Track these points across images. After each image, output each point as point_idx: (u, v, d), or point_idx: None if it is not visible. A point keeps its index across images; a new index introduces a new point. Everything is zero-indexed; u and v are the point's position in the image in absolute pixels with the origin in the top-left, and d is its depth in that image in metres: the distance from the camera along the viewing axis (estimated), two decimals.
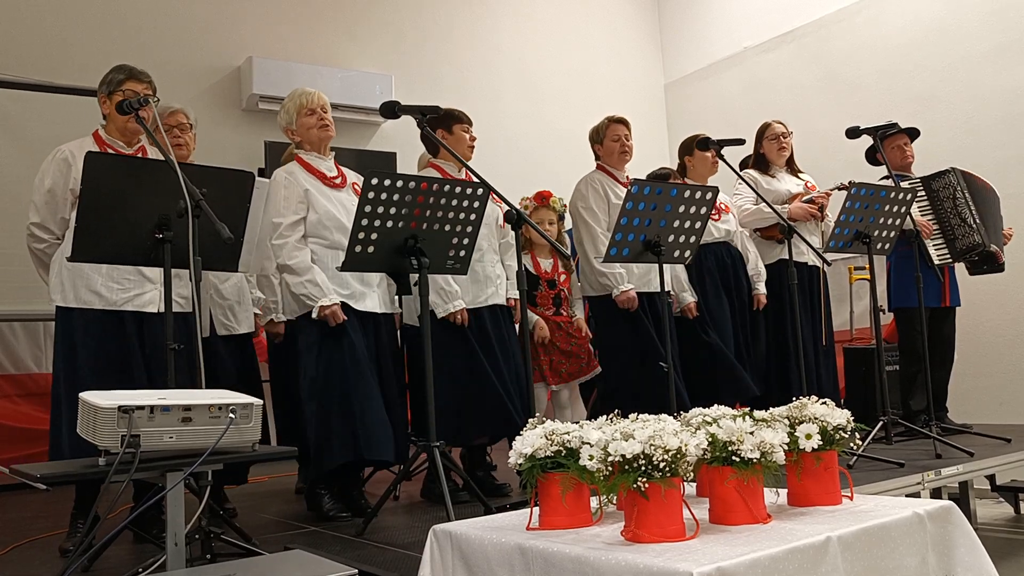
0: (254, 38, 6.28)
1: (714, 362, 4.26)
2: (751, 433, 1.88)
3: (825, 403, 2.11)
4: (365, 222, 2.87)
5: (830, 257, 4.32)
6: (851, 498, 2.08)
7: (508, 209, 3.08)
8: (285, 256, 3.25)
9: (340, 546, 2.72)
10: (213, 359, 3.30)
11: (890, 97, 6.44)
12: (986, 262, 4.69)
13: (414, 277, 3.02)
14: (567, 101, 7.50)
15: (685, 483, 1.83)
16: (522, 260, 3.14)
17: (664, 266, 3.54)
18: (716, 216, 4.46)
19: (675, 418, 1.99)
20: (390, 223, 2.90)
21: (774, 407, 2.14)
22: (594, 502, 2.00)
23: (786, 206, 4.58)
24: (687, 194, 3.47)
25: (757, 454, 1.85)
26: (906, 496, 3.03)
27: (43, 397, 4.48)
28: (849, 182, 4.05)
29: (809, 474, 2.06)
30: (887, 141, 4.76)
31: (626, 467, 1.72)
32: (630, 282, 4.02)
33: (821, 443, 2.02)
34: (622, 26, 8.26)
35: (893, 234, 4.09)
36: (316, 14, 6.60)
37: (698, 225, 3.57)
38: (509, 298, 3.74)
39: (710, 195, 3.55)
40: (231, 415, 2.17)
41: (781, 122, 4.82)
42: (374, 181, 2.83)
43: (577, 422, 2.05)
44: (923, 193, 4.63)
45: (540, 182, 4.60)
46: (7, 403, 4.94)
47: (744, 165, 4.88)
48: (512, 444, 1.98)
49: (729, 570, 1.53)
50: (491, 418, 3.48)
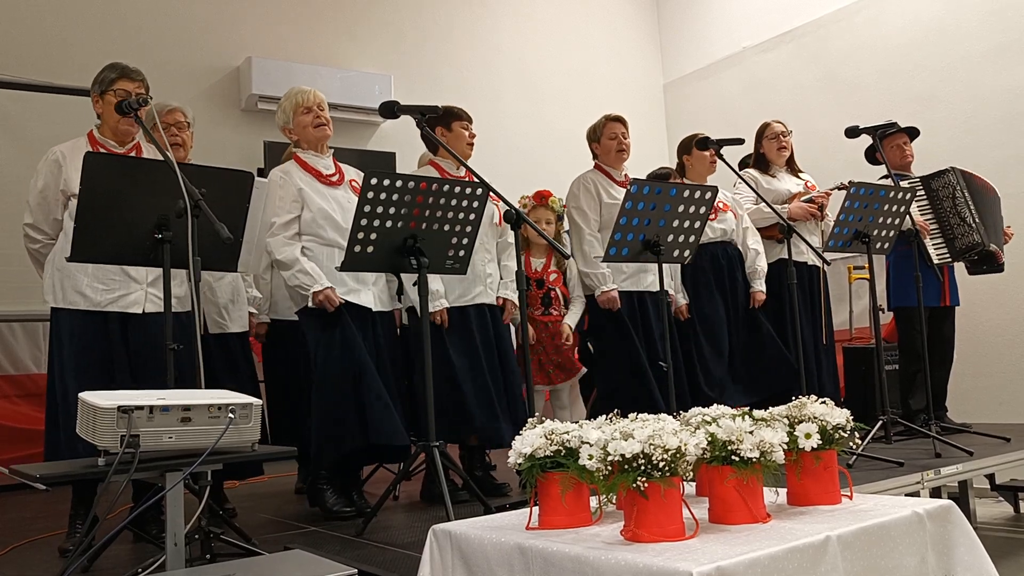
0: (254, 38, 6.28)
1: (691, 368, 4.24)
2: (750, 432, 1.88)
3: (824, 402, 2.12)
4: (364, 222, 2.87)
5: (829, 256, 4.32)
6: (851, 497, 2.09)
7: (507, 209, 3.07)
8: (275, 252, 3.25)
9: (340, 546, 2.72)
10: (205, 358, 3.26)
11: (890, 97, 6.44)
12: (985, 262, 4.69)
13: (413, 277, 3.02)
14: (567, 101, 7.50)
15: (684, 483, 1.83)
16: (522, 261, 3.13)
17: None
18: (713, 215, 4.44)
19: (674, 418, 1.99)
20: (389, 223, 2.90)
21: (773, 406, 2.14)
22: (594, 502, 2.01)
23: (786, 206, 4.57)
24: (686, 194, 3.47)
25: (756, 453, 1.85)
26: (905, 495, 3.03)
27: (42, 397, 4.43)
28: (849, 182, 4.06)
29: (808, 473, 2.06)
30: (886, 141, 4.76)
31: (625, 467, 1.72)
32: (623, 281, 4.00)
33: (820, 442, 2.02)
34: (622, 26, 8.26)
35: (892, 233, 4.09)
36: (316, 14, 6.60)
37: (697, 225, 3.57)
38: (499, 297, 3.70)
39: (709, 195, 3.55)
40: (230, 415, 2.18)
41: (781, 122, 4.81)
42: (373, 181, 2.82)
43: (577, 422, 2.05)
44: (922, 193, 4.63)
45: (540, 182, 4.59)
46: (6, 403, 4.94)
47: (743, 165, 4.88)
48: (463, 442, 1.95)
49: (729, 569, 1.53)
50: (449, 420, 3.42)
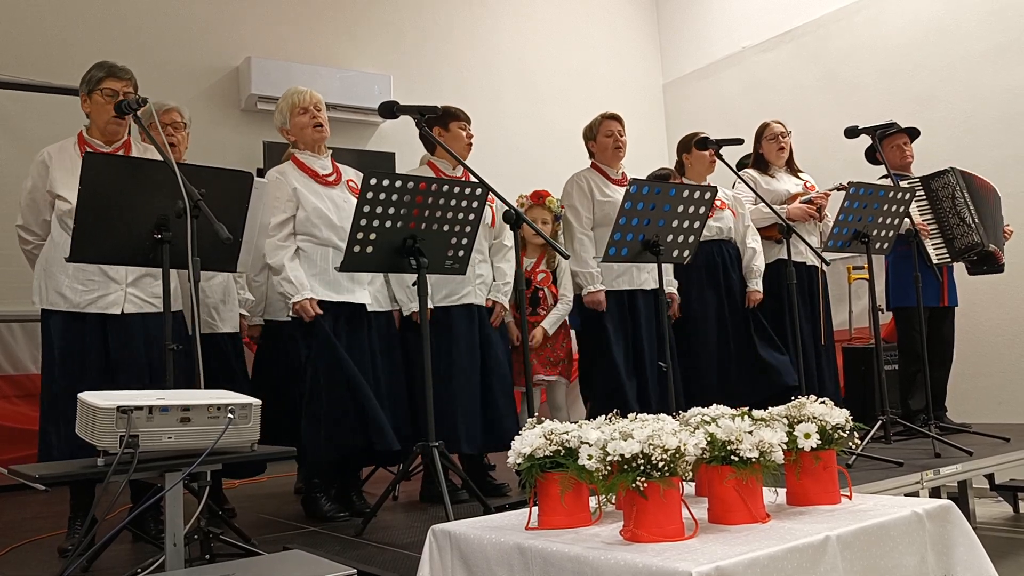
0: (253, 38, 6.28)
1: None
2: (750, 432, 1.88)
3: (824, 402, 2.12)
4: (364, 222, 2.87)
5: (829, 257, 4.31)
6: (850, 497, 2.09)
7: (507, 209, 3.07)
8: (268, 256, 3.25)
9: (339, 546, 2.72)
10: (192, 358, 3.25)
11: (889, 97, 6.44)
12: (985, 262, 4.68)
13: (412, 277, 3.02)
14: (567, 101, 7.49)
15: (684, 482, 1.83)
16: (519, 261, 3.12)
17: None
18: (710, 213, 4.42)
19: (674, 418, 1.99)
20: (389, 223, 2.90)
21: (773, 406, 2.15)
22: (593, 502, 2.01)
23: (784, 206, 4.57)
24: (686, 194, 3.47)
25: (756, 453, 1.85)
26: (905, 495, 3.03)
27: None
28: (848, 182, 4.05)
29: (808, 473, 2.06)
30: (886, 141, 4.76)
31: (625, 467, 1.72)
32: (617, 279, 3.99)
33: (820, 442, 2.02)
34: (621, 26, 8.26)
35: (892, 234, 4.09)
36: (315, 14, 6.60)
37: (697, 225, 3.57)
38: (488, 299, 3.68)
39: (709, 195, 3.55)
40: (230, 415, 2.17)
41: (780, 122, 4.81)
42: (373, 181, 2.82)
43: (576, 421, 2.05)
44: (922, 193, 4.62)
45: (540, 182, 4.58)
46: (6, 404, 4.93)
47: (742, 165, 4.88)
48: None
49: (728, 569, 1.53)
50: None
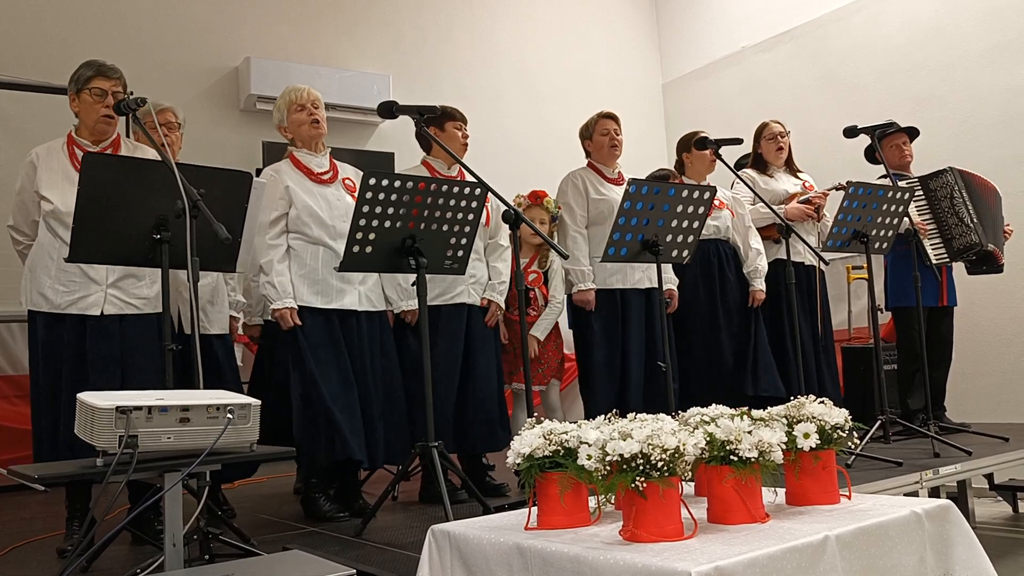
0: (253, 38, 6.27)
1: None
2: (749, 432, 1.88)
3: (823, 402, 2.12)
4: (363, 222, 2.87)
5: (828, 256, 4.31)
6: (849, 497, 2.09)
7: (506, 209, 3.06)
8: (259, 255, 3.25)
9: (338, 546, 2.72)
10: (181, 358, 3.13)
11: (888, 96, 6.44)
12: (984, 262, 4.68)
13: (412, 277, 3.02)
14: (566, 101, 7.48)
15: (683, 482, 1.83)
16: (519, 260, 3.12)
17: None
18: (709, 213, 4.41)
19: (673, 417, 1.99)
20: (388, 223, 2.90)
21: (772, 406, 2.15)
22: (592, 502, 2.01)
23: (783, 206, 4.57)
24: (685, 194, 3.47)
25: (755, 453, 1.85)
26: (904, 495, 3.03)
27: None
28: (847, 182, 4.05)
29: (807, 473, 2.06)
30: (885, 140, 4.76)
31: (624, 467, 1.72)
32: (610, 277, 3.98)
33: (819, 442, 2.02)
34: (621, 26, 8.26)
35: (891, 233, 4.09)
36: (315, 14, 6.60)
37: (696, 224, 3.57)
38: (483, 298, 3.67)
39: (708, 194, 3.55)
40: (229, 415, 2.17)
41: (779, 122, 4.80)
42: (372, 181, 2.82)
43: (575, 421, 2.05)
44: (920, 193, 4.62)
45: (539, 182, 4.58)
46: (5, 404, 4.93)
47: (740, 165, 4.88)
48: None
49: (727, 569, 1.53)
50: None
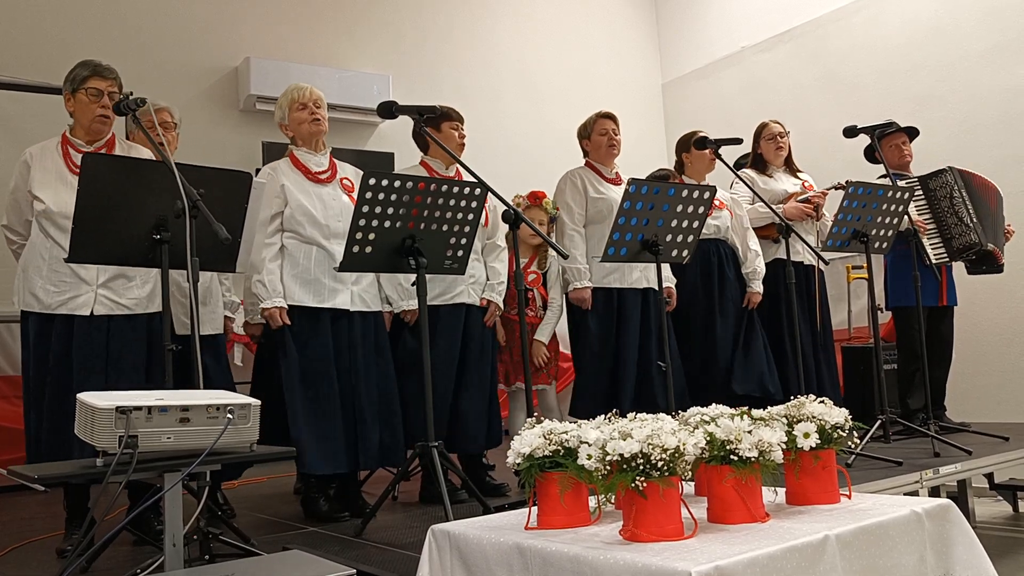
0: (252, 38, 6.28)
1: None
2: (749, 432, 1.88)
3: (823, 402, 2.12)
4: (363, 222, 2.87)
5: (828, 256, 4.31)
6: (849, 497, 2.09)
7: (506, 209, 3.07)
8: (253, 254, 3.24)
9: (338, 546, 2.72)
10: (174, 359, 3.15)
11: (888, 96, 6.44)
12: (984, 262, 4.67)
13: (411, 277, 3.02)
14: (566, 101, 7.48)
15: (683, 482, 1.83)
16: (519, 260, 3.12)
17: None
18: (709, 212, 4.41)
19: (673, 417, 1.99)
20: (388, 223, 2.90)
21: (772, 406, 2.15)
22: (592, 501, 2.01)
23: (781, 206, 4.57)
24: (685, 193, 3.47)
25: (755, 453, 1.85)
26: (904, 495, 3.04)
27: None
28: (846, 182, 4.06)
29: (807, 473, 2.06)
30: (885, 140, 4.76)
31: (624, 466, 1.72)
32: (607, 276, 3.98)
33: (819, 442, 2.02)
34: (621, 26, 8.26)
35: (891, 233, 4.09)
36: (315, 14, 6.60)
37: (696, 224, 3.57)
38: (483, 298, 3.67)
39: (708, 194, 3.55)
40: (229, 415, 2.17)
41: (778, 122, 4.80)
42: (371, 181, 2.82)
43: (575, 421, 2.05)
44: (920, 192, 4.62)
45: (539, 182, 4.58)
46: (5, 404, 4.91)
47: (739, 165, 4.88)
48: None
49: (727, 569, 1.53)
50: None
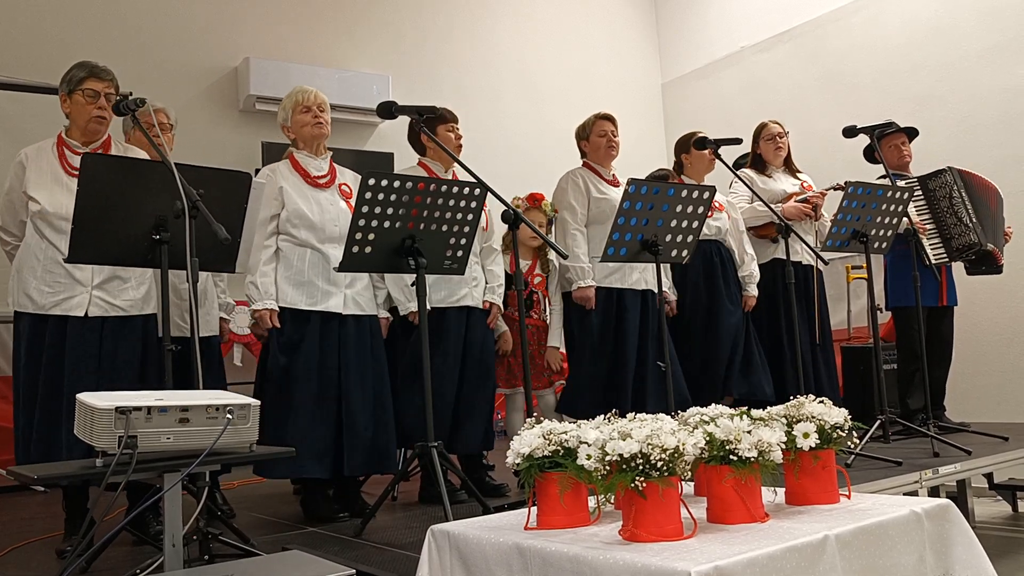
0: (252, 38, 6.28)
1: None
2: (749, 432, 1.88)
3: (822, 402, 2.12)
4: (363, 223, 2.87)
5: (828, 256, 4.31)
6: (849, 497, 2.09)
7: (505, 209, 3.07)
8: (252, 254, 3.24)
9: (338, 546, 2.72)
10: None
11: (888, 96, 6.44)
12: (984, 262, 4.67)
13: (411, 278, 3.02)
14: (566, 101, 7.49)
15: (683, 482, 1.83)
16: (518, 261, 3.11)
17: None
18: (709, 213, 4.40)
19: (672, 417, 1.99)
20: (388, 223, 2.91)
21: (771, 406, 2.15)
22: (592, 501, 2.01)
23: (779, 205, 4.56)
24: (684, 194, 3.47)
25: (755, 453, 1.85)
26: (904, 495, 3.04)
27: None
28: (846, 182, 4.06)
29: (807, 473, 2.06)
30: (884, 140, 4.77)
31: (624, 466, 1.72)
32: (608, 277, 3.98)
33: (818, 442, 2.02)
34: (621, 26, 8.26)
35: (890, 233, 4.09)
36: (314, 14, 6.60)
37: (695, 224, 3.57)
38: (486, 301, 3.67)
39: (707, 194, 3.55)
40: (228, 415, 2.17)
41: (778, 122, 4.80)
42: (371, 182, 2.82)
43: (574, 421, 2.05)
44: (919, 193, 4.62)
45: (539, 182, 4.58)
46: (4, 404, 4.91)
47: (738, 165, 4.88)
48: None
49: (727, 569, 1.53)
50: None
